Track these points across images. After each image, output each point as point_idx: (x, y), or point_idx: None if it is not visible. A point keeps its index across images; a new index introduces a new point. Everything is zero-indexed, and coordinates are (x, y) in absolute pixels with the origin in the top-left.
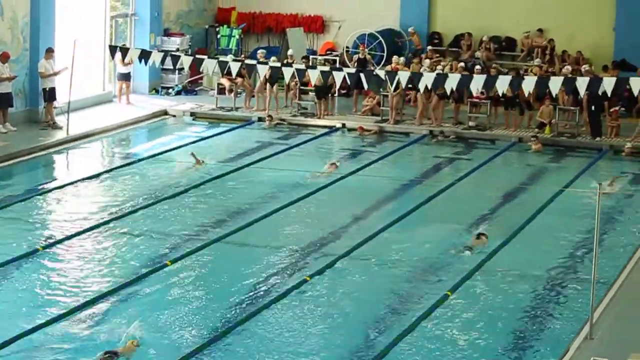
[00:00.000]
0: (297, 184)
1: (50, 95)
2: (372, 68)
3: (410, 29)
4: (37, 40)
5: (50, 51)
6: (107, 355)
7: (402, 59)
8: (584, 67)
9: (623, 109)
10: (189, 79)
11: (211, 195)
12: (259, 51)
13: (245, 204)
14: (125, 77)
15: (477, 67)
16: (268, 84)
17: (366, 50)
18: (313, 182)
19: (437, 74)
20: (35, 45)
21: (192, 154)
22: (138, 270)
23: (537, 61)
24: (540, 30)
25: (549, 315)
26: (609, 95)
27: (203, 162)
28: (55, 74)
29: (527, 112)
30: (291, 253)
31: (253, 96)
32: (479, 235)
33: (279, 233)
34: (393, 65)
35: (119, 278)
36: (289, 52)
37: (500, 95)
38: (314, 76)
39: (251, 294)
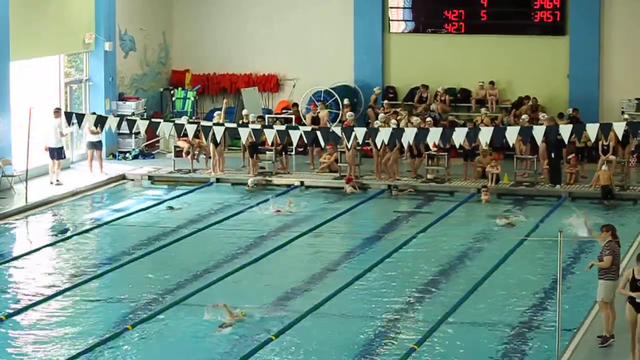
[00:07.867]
0: (255, 243)
1: None
2: (328, 125)
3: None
4: None
5: None
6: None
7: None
8: (542, 115)
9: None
10: (146, 143)
11: (171, 257)
12: (215, 112)
13: (205, 265)
14: (95, 146)
15: (429, 119)
16: (212, 144)
17: (317, 108)
18: (271, 241)
19: (394, 129)
20: None
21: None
22: (100, 336)
23: (483, 110)
24: (492, 82)
25: None
26: (566, 142)
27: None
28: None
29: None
30: (253, 312)
31: (210, 157)
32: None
33: (239, 292)
34: (347, 121)
35: (81, 344)
36: (244, 111)
37: (458, 147)
38: (270, 135)
39: (215, 355)
